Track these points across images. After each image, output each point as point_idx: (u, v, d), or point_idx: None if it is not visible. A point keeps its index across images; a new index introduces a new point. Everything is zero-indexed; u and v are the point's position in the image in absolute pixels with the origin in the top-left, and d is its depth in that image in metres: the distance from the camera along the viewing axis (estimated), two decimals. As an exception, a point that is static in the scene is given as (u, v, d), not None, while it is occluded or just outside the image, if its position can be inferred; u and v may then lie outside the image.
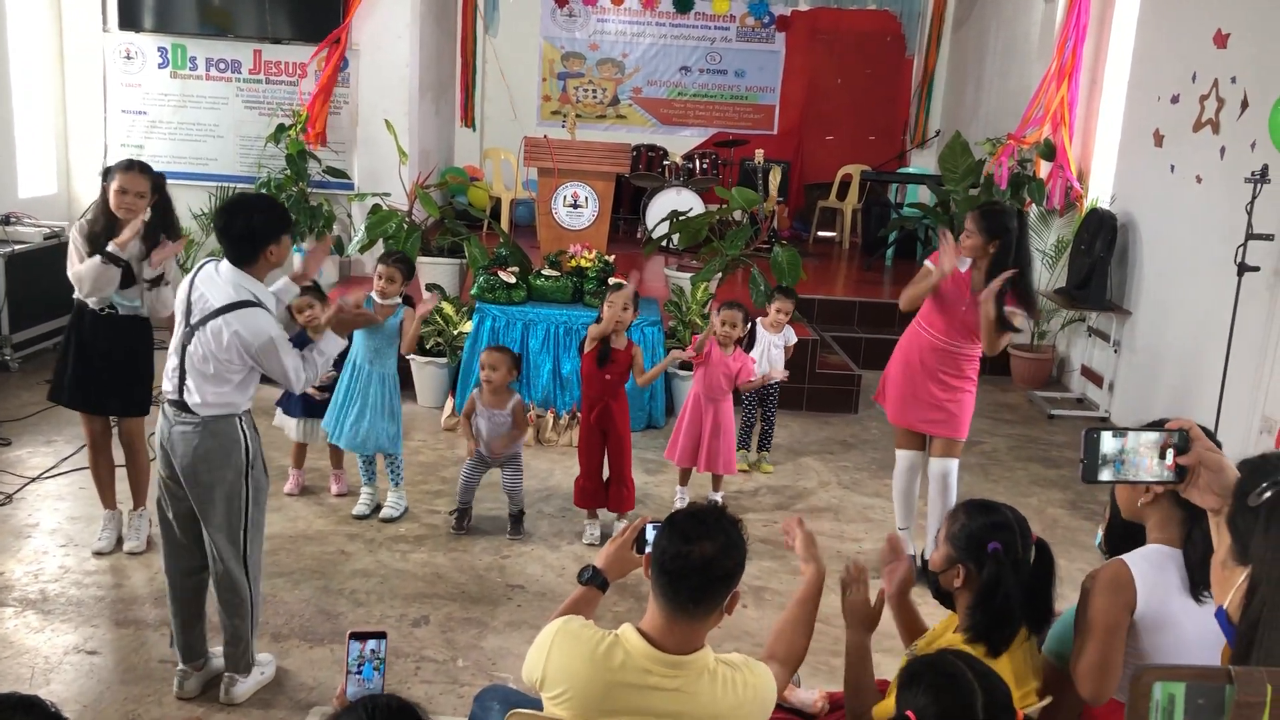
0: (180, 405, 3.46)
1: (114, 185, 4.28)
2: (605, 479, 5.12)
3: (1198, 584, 2.41)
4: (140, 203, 4.32)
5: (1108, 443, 1.93)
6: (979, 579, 2.54)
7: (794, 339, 6.30)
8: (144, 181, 4.34)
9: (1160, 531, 2.51)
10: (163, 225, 4.44)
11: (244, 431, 3.53)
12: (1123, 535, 2.65)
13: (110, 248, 4.26)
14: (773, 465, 6.28)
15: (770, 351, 6.14)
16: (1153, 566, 2.46)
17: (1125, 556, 2.50)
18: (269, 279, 3.60)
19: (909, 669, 2.22)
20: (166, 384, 3.51)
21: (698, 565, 2.21)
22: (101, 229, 4.32)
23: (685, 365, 6.30)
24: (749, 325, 5.62)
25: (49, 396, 4.70)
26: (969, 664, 2.16)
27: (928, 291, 4.57)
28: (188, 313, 3.47)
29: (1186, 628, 2.41)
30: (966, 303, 4.53)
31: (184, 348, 3.44)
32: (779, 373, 6.08)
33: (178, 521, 3.60)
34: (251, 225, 3.45)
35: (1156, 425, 1.97)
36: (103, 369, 4.47)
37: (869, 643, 2.74)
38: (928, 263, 4.63)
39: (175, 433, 3.48)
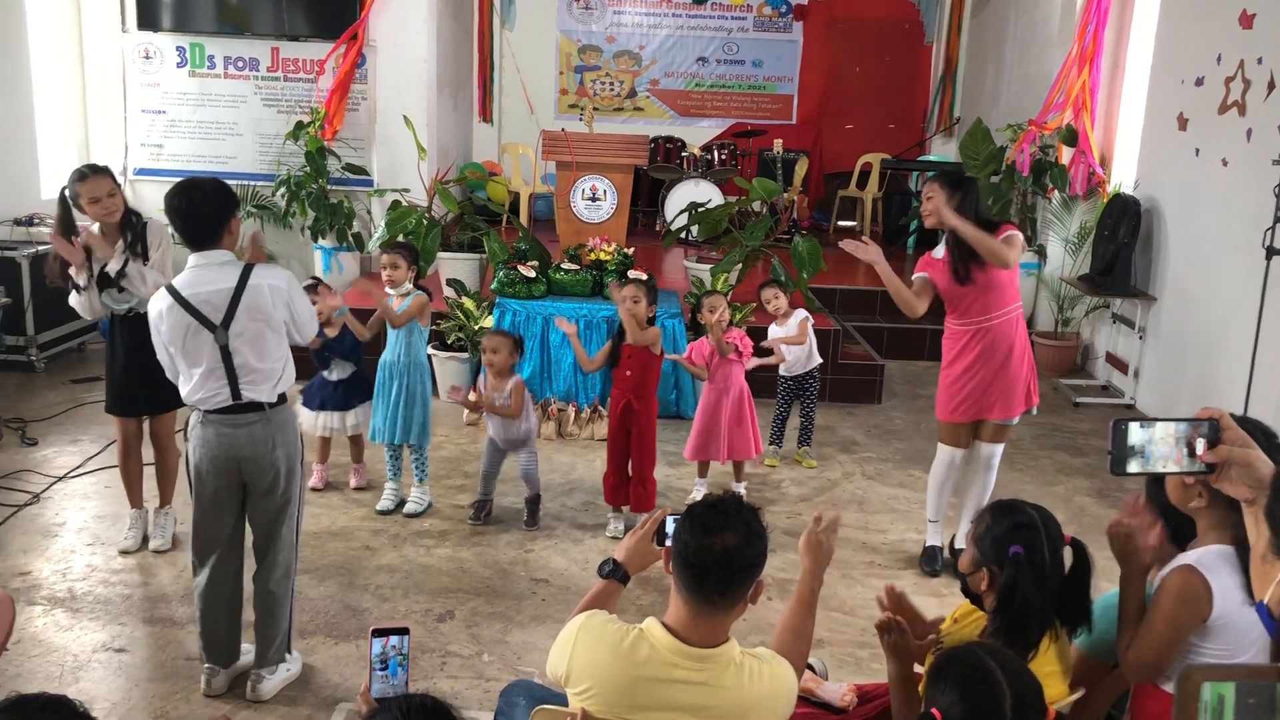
0: (240, 408, 3.46)
1: (85, 200, 4.30)
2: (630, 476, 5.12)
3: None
4: (113, 201, 4.37)
5: (1135, 434, 1.89)
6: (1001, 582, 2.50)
7: (800, 315, 6.06)
8: (107, 180, 4.38)
9: (1216, 532, 2.42)
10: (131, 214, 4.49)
11: (293, 413, 3.66)
12: (1172, 535, 2.58)
13: (72, 275, 4.35)
14: (816, 460, 6.21)
15: (783, 346, 6.07)
16: (1224, 573, 2.36)
17: (1198, 564, 2.39)
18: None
19: (938, 663, 2.16)
20: (212, 400, 3.44)
21: (720, 557, 2.19)
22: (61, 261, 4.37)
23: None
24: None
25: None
26: (1000, 661, 2.09)
27: (898, 294, 4.53)
28: (202, 318, 3.39)
29: (1245, 627, 2.35)
30: (964, 277, 4.48)
31: (224, 351, 3.40)
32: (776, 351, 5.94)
33: (224, 530, 3.59)
34: (213, 202, 3.45)
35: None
36: (137, 369, 4.48)
37: (911, 671, 2.65)
38: (917, 274, 4.62)
39: (242, 435, 3.47)
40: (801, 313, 6.12)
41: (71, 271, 4.36)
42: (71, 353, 7.63)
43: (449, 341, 6.93)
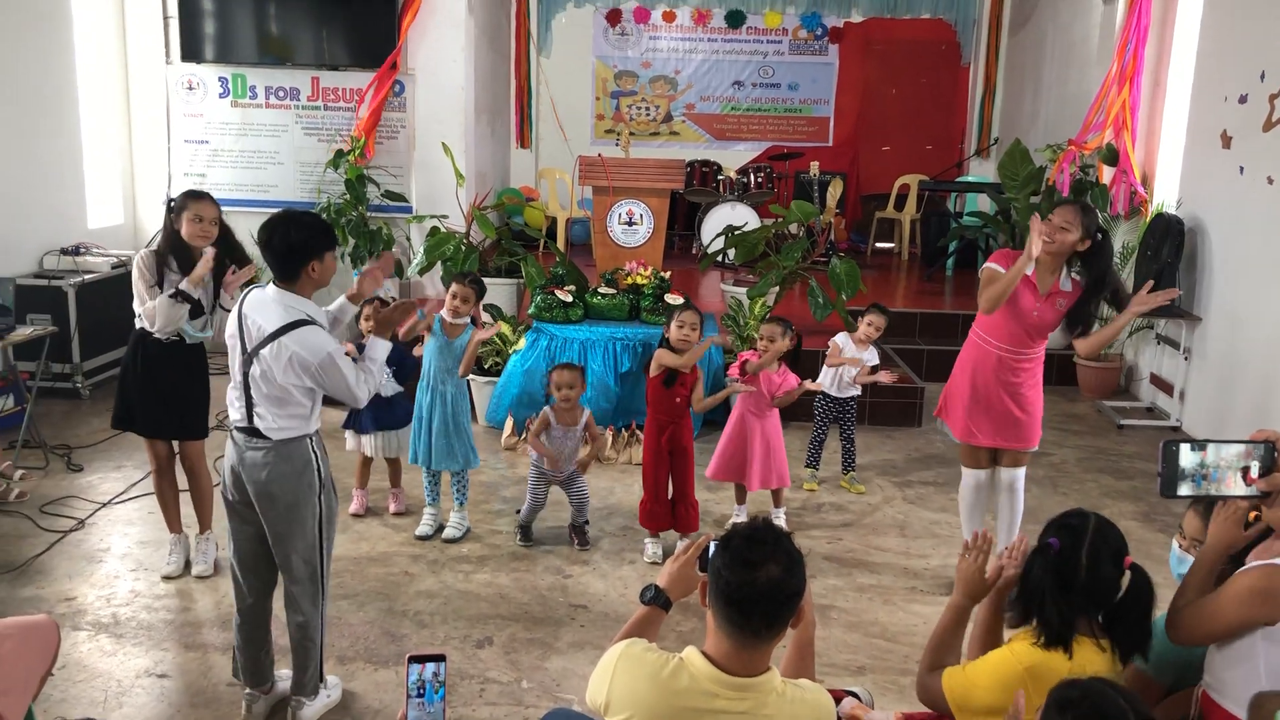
0: (250, 431, 3.47)
1: (188, 215, 4.40)
2: (670, 498, 5.09)
3: None
4: (213, 229, 4.47)
5: (1186, 456, 1.85)
6: None
7: (874, 360, 6.04)
8: (215, 208, 4.50)
9: None
10: (229, 253, 4.55)
11: (314, 452, 3.54)
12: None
13: (184, 286, 4.39)
14: (864, 486, 6.13)
15: (845, 370, 5.98)
16: None
17: None
18: (322, 300, 3.60)
19: (1061, 693, 2.09)
20: (234, 412, 3.52)
21: (766, 590, 2.15)
22: (169, 259, 4.43)
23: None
24: (794, 340, 5.35)
25: (113, 424, 4.77)
26: (1130, 702, 2.03)
27: (1013, 285, 4.32)
28: (243, 340, 3.47)
29: None
30: (1037, 308, 4.42)
31: (245, 374, 3.46)
32: (811, 384, 5.63)
33: (247, 545, 3.62)
34: (292, 240, 3.44)
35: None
36: (165, 395, 4.56)
37: (969, 610, 2.82)
38: (990, 264, 4.47)
39: (247, 459, 3.49)
40: (874, 356, 6.07)
41: (185, 285, 4.40)
42: (116, 380, 7.72)
43: (486, 366, 6.95)
